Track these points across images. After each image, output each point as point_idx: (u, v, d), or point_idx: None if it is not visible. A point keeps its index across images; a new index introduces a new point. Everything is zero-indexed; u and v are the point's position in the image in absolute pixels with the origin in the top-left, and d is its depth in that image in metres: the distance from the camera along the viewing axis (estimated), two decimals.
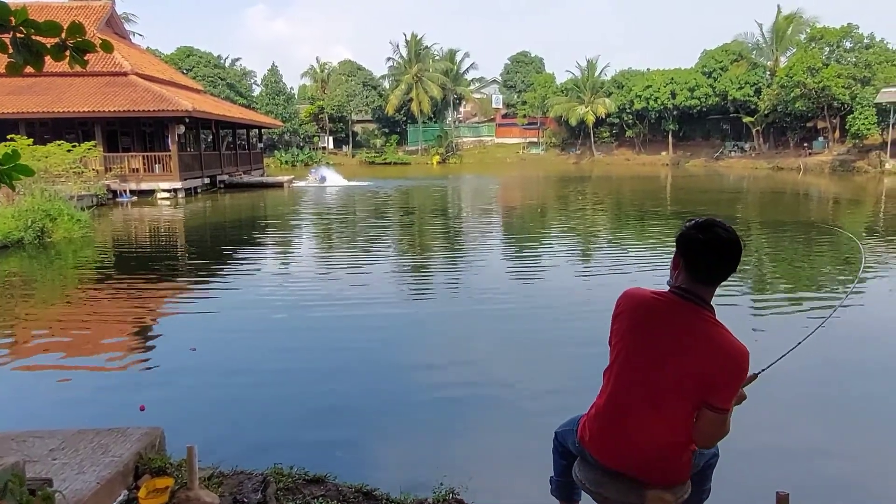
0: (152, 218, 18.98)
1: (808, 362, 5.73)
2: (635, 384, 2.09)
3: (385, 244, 13.57)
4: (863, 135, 34.71)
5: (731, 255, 1.99)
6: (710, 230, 2.00)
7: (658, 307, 2.07)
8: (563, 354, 6.14)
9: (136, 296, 8.66)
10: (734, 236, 2.00)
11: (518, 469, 3.98)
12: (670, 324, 2.03)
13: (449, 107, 57.39)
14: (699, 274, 2.02)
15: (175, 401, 5.05)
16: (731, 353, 1.97)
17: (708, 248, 1.99)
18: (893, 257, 11.02)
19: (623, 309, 2.16)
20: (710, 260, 2.00)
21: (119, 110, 22.71)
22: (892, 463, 4.09)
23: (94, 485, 2.69)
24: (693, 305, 2.03)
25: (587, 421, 2.25)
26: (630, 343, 2.11)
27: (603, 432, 2.17)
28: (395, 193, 26.20)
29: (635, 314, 2.11)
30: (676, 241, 2.08)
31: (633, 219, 17.66)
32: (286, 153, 53.72)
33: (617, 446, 2.14)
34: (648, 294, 2.12)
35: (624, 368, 2.12)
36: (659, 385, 2.04)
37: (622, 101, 48.25)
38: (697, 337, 2.00)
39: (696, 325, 2.01)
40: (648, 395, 2.06)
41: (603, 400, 2.19)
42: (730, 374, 1.98)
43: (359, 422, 4.71)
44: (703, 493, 2.39)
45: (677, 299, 2.04)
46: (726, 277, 2.04)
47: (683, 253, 2.05)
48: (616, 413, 2.14)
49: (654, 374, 2.05)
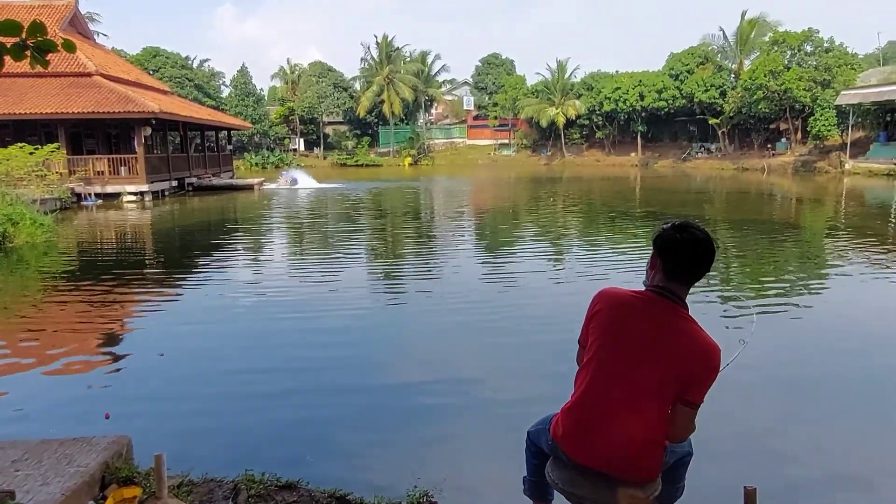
0: (118, 222, 18.59)
1: (772, 353, 5.87)
2: (612, 381, 2.11)
3: (357, 248, 13.51)
4: (823, 136, 35.71)
5: (706, 254, 2.06)
6: (687, 231, 2.07)
7: (636, 305, 2.11)
8: (535, 356, 6.18)
9: (102, 301, 8.47)
10: (709, 237, 2.07)
11: (491, 470, 4.00)
12: (649, 321, 2.08)
13: (420, 108, 57.40)
14: (675, 273, 2.08)
15: (143, 408, 4.95)
16: (706, 349, 2.03)
17: (684, 247, 2.06)
18: (852, 253, 11.34)
19: (600, 307, 2.19)
20: (687, 259, 2.06)
21: (83, 112, 22.18)
22: (853, 451, 4.21)
23: (58, 496, 2.63)
24: (670, 303, 2.08)
25: (560, 417, 2.27)
26: (608, 340, 2.14)
27: (576, 428, 2.19)
28: (367, 196, 26.09)
29: (613, 312, 2.15)
30: (654, 242, 2.14)
31: (605, 219, 17.88)
32: (256, 155, 53.10)
33: (590, 443, 2.15)
34: (626, 292, 2.17)
35: (601, 365, 2.15)
36: (636, 382, 2.07)
37: (592, 103, 48.84)
38: (675, 334, 2.05)
39: (674, 323, 2.06)
40: (625, 391, 2.09)
41: (577, 396, 2.20)
42: (706, 371, 2.04)
43: (330, 426, 4.68)
44: (677, 490, 2.42)
45: (655, 297, 2.09)
46: (701, 277, 2.10)
47: (661, 252, 2.12)
48: (591, 409, 2.16)
49: (632, 370, 2.08)
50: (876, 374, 5.60)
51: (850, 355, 6.03)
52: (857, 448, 4.29)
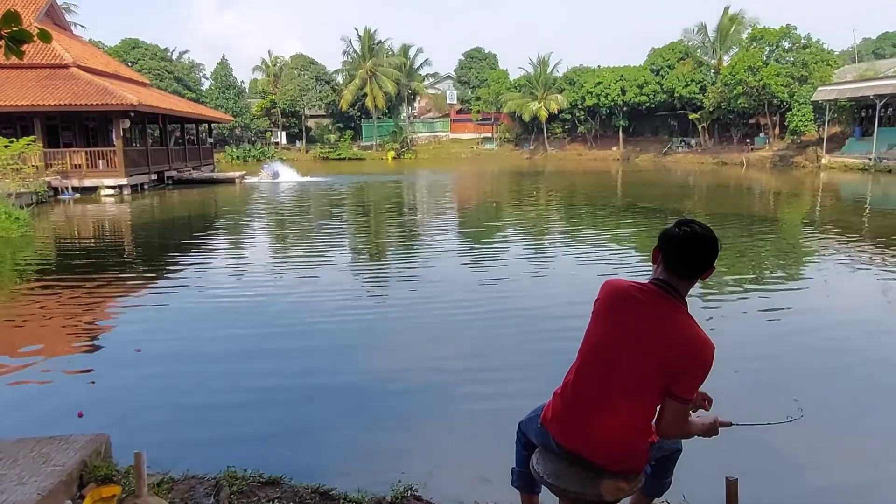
0: (96, 216, 18.30)
1: (751, 344, 5.95)
2: (603, 368, 2.14)
3: (340, 242, 13.44)
4: (801, 131, 36.20)
5: (705, 250, 2.10)
6: (688, 226, 2.12)
7: (635, 295, 2.15)
8: (520, 350, 6.20)
9: (79, 297, 8.33)
10: (711, 234, 2.12)
11: (475, 465, 4.00)
12: (644, 311, 2.11)
13: (403, 102, 57.17)
14: (674, 267, 2.12)
15: (120, 406, 4.88)
16: (697, 343, 2.06)
17: (683, 242, 2.10)
18: (827, 247, 11.53)
19: (601, 296, 2.24)
20: (687, 255, 2.10)
21: (60, 104, 21.76)
22: (831, 443, 4.28)
23: (35, 496, 2.58)
24: (668, 296, 2.11)
25: (551, 401, 2.29)
26: (603, 327, 2.18)
27: (565, 413, 2.21)
28: (350, 190, 25.96)
29: (611, 301, 2.19)
30: (658, 238, 2.18)
31: (587, 213, 17.97)
32: (237, 148, 52.53)
33: (578, 428, 2.18)
34: (628, 283, 2.21)
35: (594, 351, 2.18)
36: (627, 370, 2.10)
37: (574, 98, 49.00)
38: (668, 325, 2.08)
39: (671, 316, 2.09)
40: (615, 379, 2.12)
41: (569, 381, 2.23)
42: (695, 364, 2.07)
43: (312, 422, 4.66)
44: (664, 485, 2.44)
45: (656, 289, 2.13)
46: (702, 273, 2.13)
47: (662, 247, 2.16)
48: (581, 395, 2.18)
49: (623, 359, 2.11)
50: (853, 366, 5.70)
51: (826, 348, 6.13)
52: (834, 439, 4.36)
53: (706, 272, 2.13)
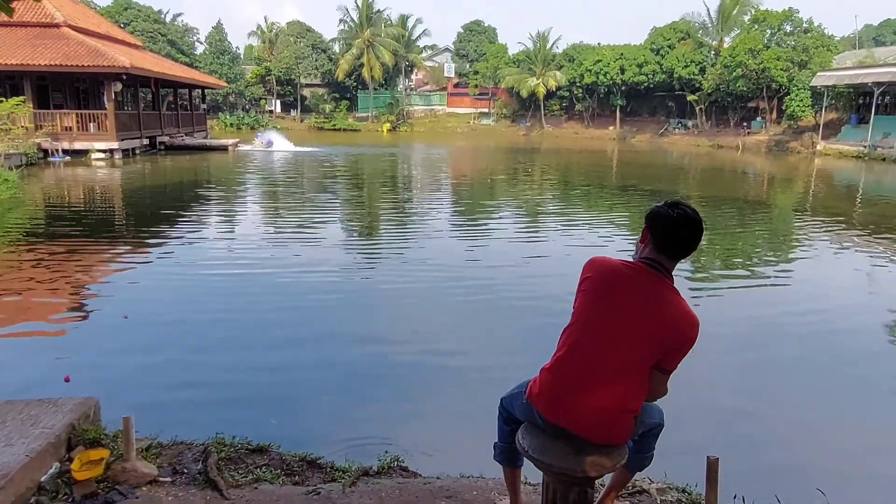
0: (87, 179, 18.11)
1: (736, 328, 6.02)
2: (595, 345, 2.17)
3: (333, 214, 13.38)
4: (797, 116, 36.11)
5: (695, 232, 2.14)
6: (679, 208, 2.15)
7: (626, 273, 2.17)
8: (508, 325, 6.24)
9: (67, 261, 8.28)
10: (699, 216, 2.15)
11: (462, 437, 4.05)
12: (637, 290, 2.14)
13: (400, 74, 56.48)
14: (665, 247, 2.15)
15: (108, 371, 4.89)
16: (690, 322, 2.11)
17: (675, 224, 2.13)
18: (818, 233, 11.60)
19: (591, 274, 2.24)
20: (677, 235, 2.13)
21: (50, 64, 21.35)
22: (814, 423, 4.36)
23: (22, 457, 2.59)
24: (658, 275, 2.14)
25: (539, 377, 2.31)
26: (595, 305, 2.19)
27: (553, 388, 2.23)
28: (344, 161, 25.77)
29: (603, 278, 2.21)
30: (646, 217, 2.20)
31: (581, 192, 17.95)
32: (231, 115, 51.85)
33: (565, 403, 2.20)
34: (617, 261, 2.23)
35: (585, 328, 2.20)
36: (619, 348, 2.13)
37: (573, 75, 48.55)
38: (662, 305, 2.11)
39: (661, 294, 2.12)
40: (606, 356, 2.15)
41: (558, 356, 2.25)
42: (686, 342, 2.12)
43: (300, 392, 4.69)
44: (645, 459, 2.49)
45: (645, 268, 2.16)
46: (688, 254, 2.18)
47: (652, 227, 2.18)
48: (570, 371, 2.20)
49: (616, 336, 2.14)
50: (837, 350, 5.78)
51: (812, 332, 6.21)
52: (817, 420, 4.44)
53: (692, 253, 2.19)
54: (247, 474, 2.97)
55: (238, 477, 2.92)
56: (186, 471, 2.95)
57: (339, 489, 2.86)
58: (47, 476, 2.68)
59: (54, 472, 2.71)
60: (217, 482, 2.81)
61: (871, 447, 4.08)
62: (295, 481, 2.97)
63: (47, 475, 2.68)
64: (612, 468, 2.25)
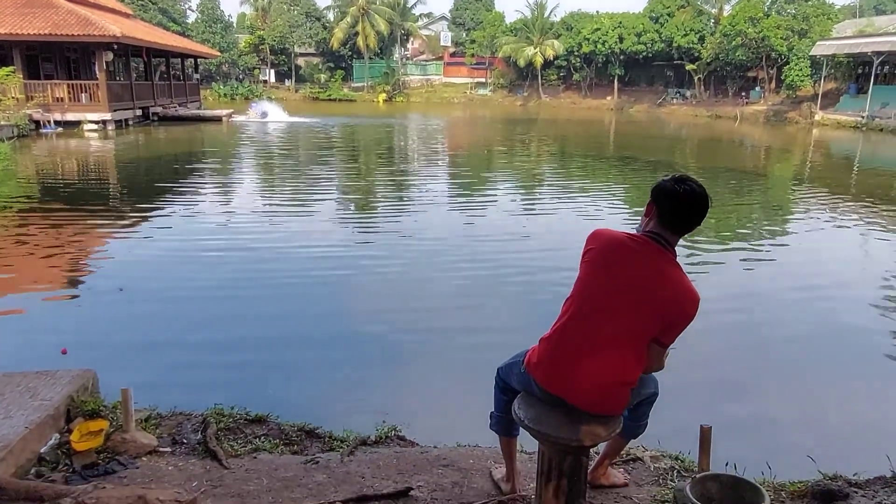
0: (80, 151, 17.93)
1: (731, 300, 6.06)
2: (595, 316, 2.17)
3: (330, 185, 13.32)
4: (796, 86, 35.79)
5: (701, 207, 2.13)
6: (686, 183, 2.13)
7: (630, 246, 2.17)
8: (506, 297, 6.27)
9: (61, 234, 8.24)
10: (705, 193, 2.14)
11: (458, 407, 4.10)
12: (640, 263, 2.14)
13: (396, 43, 55.64)
14: (670, 222, 2.14)
15: (105, 344, 4.90)
16: (691, 298, 2.12)
17: (681, 199, 2.12)
18: (815, 204, 11.61)
19: (594, 246, 2.23)
20: (683, 210, 2.13)
21: (40, 34, 20.93)
22: (807, 393, 4.42)
23: (22, 429, 2.61)
24: (662, 249, 2.14)
25: (537, 346, 2.32)
26: (597, 276, 2.20)
27: (551, 357, 2.24)
28: (340, 132, 25.55)
29: (606, 250, 2.20)
30: (652, 192, 2.19)
31: (578, 163, 17.87)
32: (224, 85, 51.19)
33: (562, 373, 2.21)
34: (620, 234, 2.22)
35: (586, 299, 2.20)
36: (619, 320, 2.14)
37: (570, 44, 47.90)
38: (664, 279, 2.12)
39: (664, 268, 2.13)
40: (606, 328, 2.15)
41: (558, 326, 2.25)
42: (687, 317, 2.13)
43: (297, 364, 4.72)
44: (640, 427, 2.52)
45: (649, 241, 2.15)
46: (692, 229, 2.18)
47: (657, 202, 2.17)
48: (568, 341, 2.21)
49: (617, 308, 2.14)
50: (831, 321, 5.83)
51: (806, 304, 6.25)
52: (810, 390, 4.50)
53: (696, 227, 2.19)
54: (246, 444, 3.00)
55: (237, 447, 2.96)
56: (186, 441, 2.98)
57: (337, 458, 2.89)
58: (47, 447, 2.70)
59: (54, 444, 2.74)
60: (216, 452, 2.84)
61: (862, 416, 4.14)
62: (293, 451, 3.01)
63: (47, 446, 2.70)
64: (608, 437, 2.28)
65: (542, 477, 2.37)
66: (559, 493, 2.34)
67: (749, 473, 2.55)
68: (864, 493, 2.70)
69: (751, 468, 2.72)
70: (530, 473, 2.61)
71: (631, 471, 2.87)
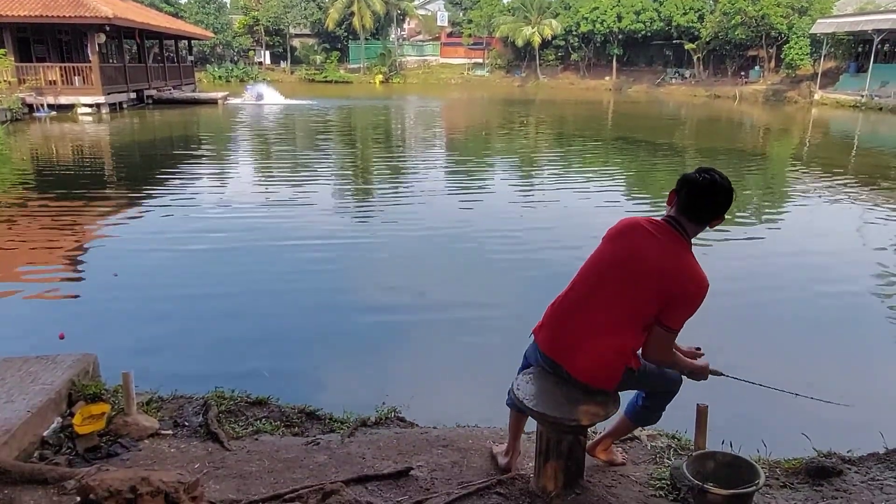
0: (74, 135, 17.81)
1: (727, 280, 6.08)
2: (598, 282, 2.27)
3: (326, 169, 13.26)
4: (796, 65, 35.55)
5: (720, 198, 2.19)
6: (708, 173, 2.21)
7: (644, 225, 2.26)
8: (505, 279, 6.28)
9: (57, 219, 8.21)
10: (729, 185, 2.20)
11: (457, 389, 4.13)
12: (649, 240, 2.22)
13: (392, 23, 55.05)
14: (688, 209, 2.22)
15: (102, 329, 4.91)
16: (693, 278, 2.17)
17: (702, 188, 2.19)
18: (810, 181, 11.61)
19: (613, 228, 2.36)
20: (700, 198, 2.20)
21: (30, 15, 20.66)
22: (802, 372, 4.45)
23: (24, 413, 2.62)
24: (677, 233, 2.21)
25: (545, 312, 2.42)
26: (606, 249, 2.31)
27: (553, 321, 2.35)
28: (337, 114, 25.38)
29: (622, 229, 2.32)
30: (677, 181, 2.27)
31: (577, 145, 17.80)
32: (219, 68, 50.64)
33: (562, 336, 2.32)
34: (642, 218, 2.34)
35: (592, 268, 2.32)
36: (621, 288, 2.21)
37: (569, 23, 47.43)
38: (668, 256, 2.18)
39: (671, 248, 2.19)
40: (607, 294, 2.24)
41: (562, 294, 2.37)
42: (688, 298, 2.17)
43: (297, 347, 4.74)
44: (653, 417, 2.54)
45: (664, 224, 2.24)
46: (712, 219, 2.23)
47: (679, 189, 2.25)
48: (571, 306, 2.31)
49: (620, 277, 2.22)
50: (828, 300, 5.86)
51: (803, 283, 6.28)
52: (805, 369, 4.54)
53: (716, 219, 2.23)
54: (247, 426, 3.03)
55: (238, 429, 2.98)
56: (187, 424, 3.00)
57: (337, 439, 2.92)
58: (50, 431, 2.72)
59: (56, 427, 2.75)
60: (218, 434, 2.86)
61: (857, 394, 4.18)
62: (294, 432, 3.03)
63: (50, 430, 2.72)
64: (605, 417, 2.30)
65: (540, 457, 2.41)
66: (557, 473, 2.38)
67: (745, 452, 2.58)
68: (858, 469, 2.74)
69: (746, 446, 2.75)
70: (528, 453, 2.64)
71: (628, 450, 2.90)
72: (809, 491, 2.59)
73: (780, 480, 2.68)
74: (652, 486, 2.58)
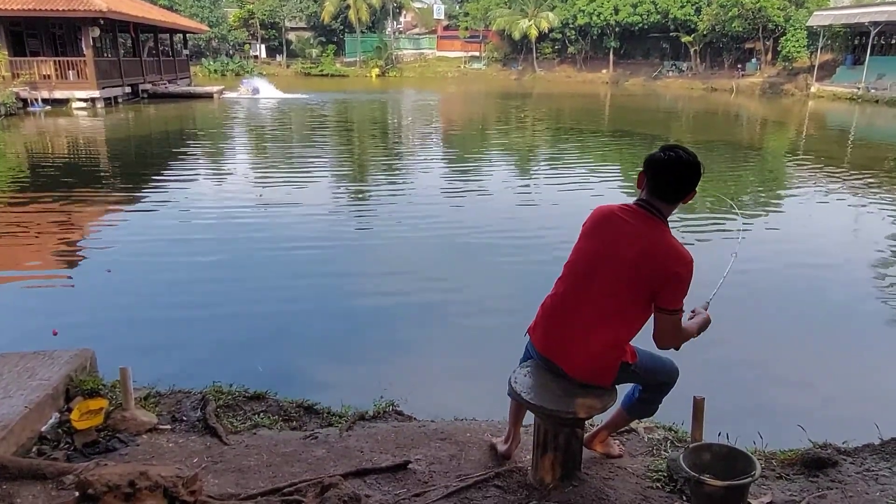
0: (69, 130, 17.72)
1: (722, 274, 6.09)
2: (585, 280, 2.26)
3: (323, 163, 13.23)
4: (793, 57, 35.52)
5: (686, 173, 2.16)
6: (673, 150, 2.18)
7: (618, 213, 2.25)
8: (503, 273, 6.28)
9: (50, 215, 8.17)
10: (694, 159, 2.17)
11: (455, 383, 4.14)
12: (626, 228, 2.20)
13: (388, 16, 54.82)
14: (657, 189, 2.20)
15: (95, 325, 4.90)
16: (675, 256, 2.15)
17: (666, 165, 2.16)
18: (806, 174, 11.62)
19: (588, 220, 2.34)
20: (667, 176, 2.17)
21: (23, 9, 20.50)
22: (798, 364, 4.47)
23: (22, 409, 2.62)
24: (650, 215, 2.19)
25: (537, 312, 2.42)
26: (587, 243, 2.30)
27: (546, 322, 2.35)
28: (333, 108, 25.30)
29: (598, 221, 2.30)
30: (643, 162, 2.24)
31: (574, 138, 17.79)
32: (215, 62, 50.39)
33: (556, 336, 2.31)
34: (614, 206, 2.32)
35: (577, 265, 2.30)
36: (608, 283, 2.21)
37: (565, 16, 47.30)
38: (647, 239, 2.16)
39: (651, 231, 2.18)
40: (596, 291, 2.23)
41: (551, 293, 2.37)
42: (674, 276, 2.14)
43: (294, 341, 4.74)
44: (649, 410, 2.56)
45: (637, 209, 2.22)
46: (683, 196, 2.20)
47: (646, 170, 2.23)
48: (562, 305, 2.30)
49: (605, 271, 2.21)
50: (822, 293, 5.88)
51: (798, 276, 6.30)
52: (801, 362, 4.56)
53: (688, 195, 2.20)
54: (245, 420, 3.03)
55: (237, 423, 2.98)
56: (186, 418, 3.00)
57: (336, 433, 2.93)
58: (48, 426, 2.72)
59: (54, 423, 2.75)
60: (216, 428, 2.87)
61: (852, 386, 4.21)
62: (293, 426, 3.04)
63: (48, 425, 2.72)
64: (602, 410, 2.31)
65: (538, 449, 2.42)
66: (555, 465, 2.39)
67: (741, 443, 2.59)
68: (853, 460, 2.76)
69: (743, 438, 2.77)
70: (526, 445, 2.65)
71: (625, 442, 2.92)
72: (805, 482, 2.61)
73: (776, 472, 2.69)
74: (649, 477, 2.59)
